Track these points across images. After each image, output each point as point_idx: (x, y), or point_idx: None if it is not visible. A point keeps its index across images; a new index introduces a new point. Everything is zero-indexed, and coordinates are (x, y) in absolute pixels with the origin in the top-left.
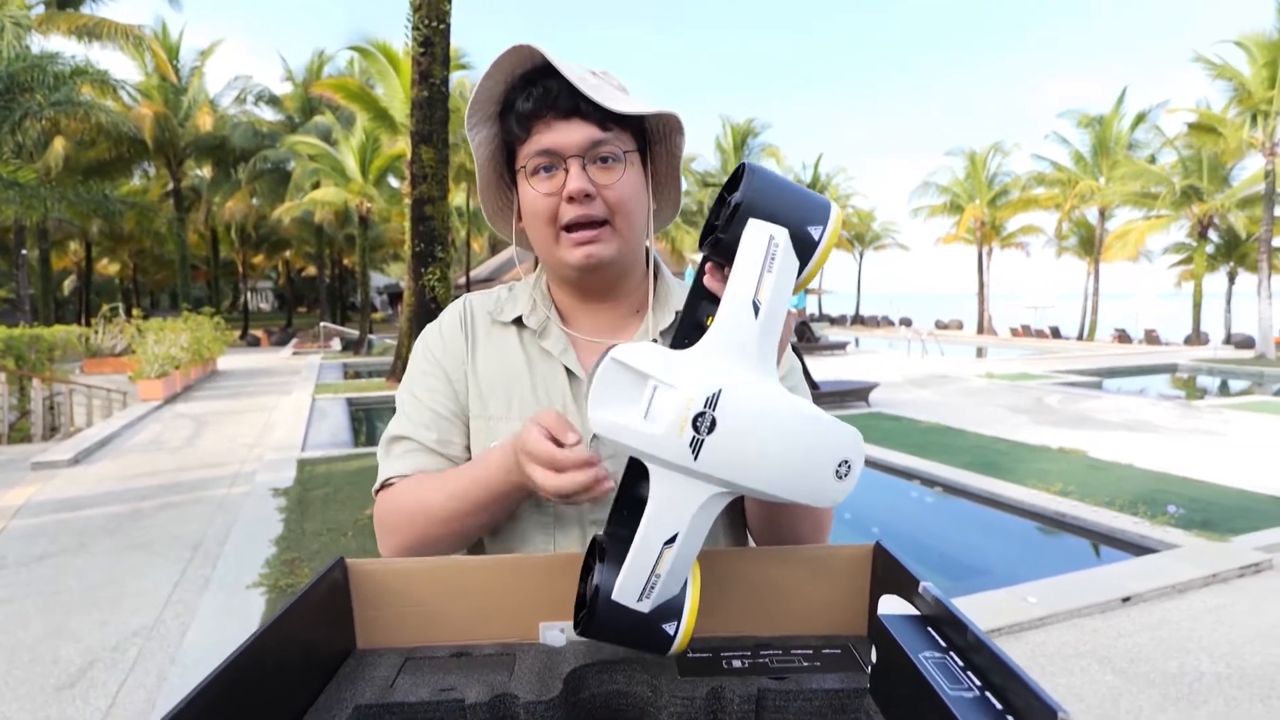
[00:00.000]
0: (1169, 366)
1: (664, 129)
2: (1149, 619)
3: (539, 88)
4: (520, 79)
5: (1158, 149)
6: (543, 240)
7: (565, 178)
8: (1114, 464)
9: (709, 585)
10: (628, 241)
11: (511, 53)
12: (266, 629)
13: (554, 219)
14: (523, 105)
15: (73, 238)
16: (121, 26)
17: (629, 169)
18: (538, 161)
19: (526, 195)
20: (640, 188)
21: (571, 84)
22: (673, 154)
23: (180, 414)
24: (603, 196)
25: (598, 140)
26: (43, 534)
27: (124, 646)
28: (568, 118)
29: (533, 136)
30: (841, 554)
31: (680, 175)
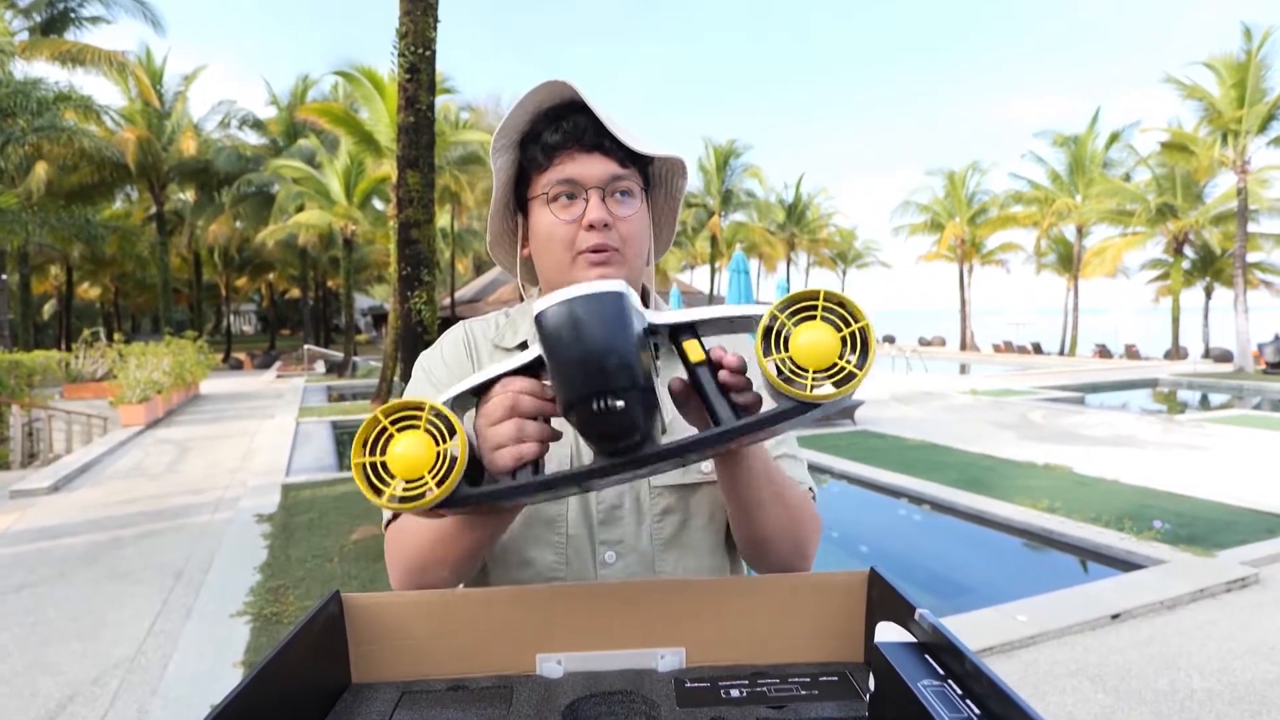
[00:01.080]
0: (1150, 381)
1: (668, 172)
2: (1138, 636)
3: (569, 122)
4: (545, 113)
5: (1132, 167)
6: (556, 263)
7: (585, 207)
8: (1099, 479)
9: (703, 615)
10: (634, 270)
11: (544, 86)
12: (264, 666)
13: (571, 244)
14: (550, 137)
15: (54, 262)
16: (105, 53)
17: (640, 205)
18: (559, 189)
19: (544, 220)
20: (647, 223)
21: (598, 121)
22: (672, 196)
23: (162, 439)
24: (618, 228)
25: (618, 175)
26: (21, 564)
27: (104, 679)
28: (591, 152)
29: (555, 166)
30: (837, 581)
31: (677, 215)
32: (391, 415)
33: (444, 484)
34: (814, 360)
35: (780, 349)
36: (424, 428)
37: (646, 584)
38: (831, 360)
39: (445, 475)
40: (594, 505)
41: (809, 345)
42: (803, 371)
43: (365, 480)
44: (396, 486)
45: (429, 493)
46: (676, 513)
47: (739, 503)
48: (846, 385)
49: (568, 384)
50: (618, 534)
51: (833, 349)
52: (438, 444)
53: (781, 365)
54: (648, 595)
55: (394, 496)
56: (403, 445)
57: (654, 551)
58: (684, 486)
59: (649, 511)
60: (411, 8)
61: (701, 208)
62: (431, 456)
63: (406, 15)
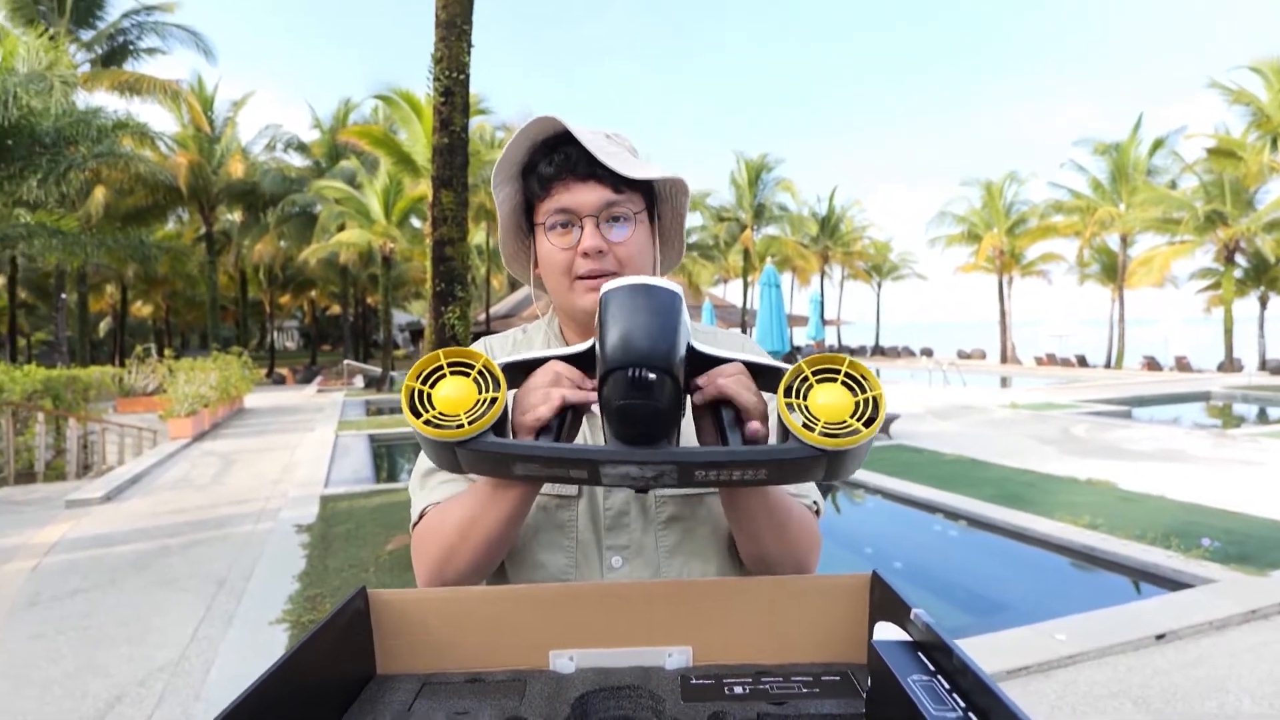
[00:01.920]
0: (1202, 394)
1: (671, 190)
2: (1185, 657)
3: (560, 153)
4: (542, 144)
5: (1178, 174)
6: (558, 287)
7: (580, 234)
8: (1145, 495)
9: (710, 615)
10: None
11: (536, 122)
12: (291, 654)
13: (569, 270)
14: (544, 169)
15: (109, 281)
16: (160, 82)
17: (637, 227)
18: (556, 218)
19: (544, 247)
20: (646, 243)
21: (589, 151)
22: (677, 212)
23: (208, 451)
24: (613, 252)
25: (610, 201)
26: (75, 570)
27: (150, 681)
28: (584, 180)
29: (552, 196)
30: (840, 583)
31: (684, 231)
32: (450, 358)
33: (475, 423)
34: (828, 414)
35: (800, 397)
36: (473, 377)
37: (656, 585)
38: (843, 419)
39: (478, 418)
40: (602, 511)
41: (826, 403)
42: (815, 420)
43: (409, 402)
44: (433, 414)
45: (460, 426)
46: (682, 520)
47: (741, 530)
48: (850, 439)
49: (613, 350)
50: (624, 539)
51: (845, 410)
52: (480, 393)
53: (799, 409)
54: (657, 596)
55: (429, 420)
56: (450, 387)
57: (660, 557)
58: (689, 496)
59: (655, 518)
60: (446, 34)
61: (734, 221)
62: (471, 402)
63: (441, 41)
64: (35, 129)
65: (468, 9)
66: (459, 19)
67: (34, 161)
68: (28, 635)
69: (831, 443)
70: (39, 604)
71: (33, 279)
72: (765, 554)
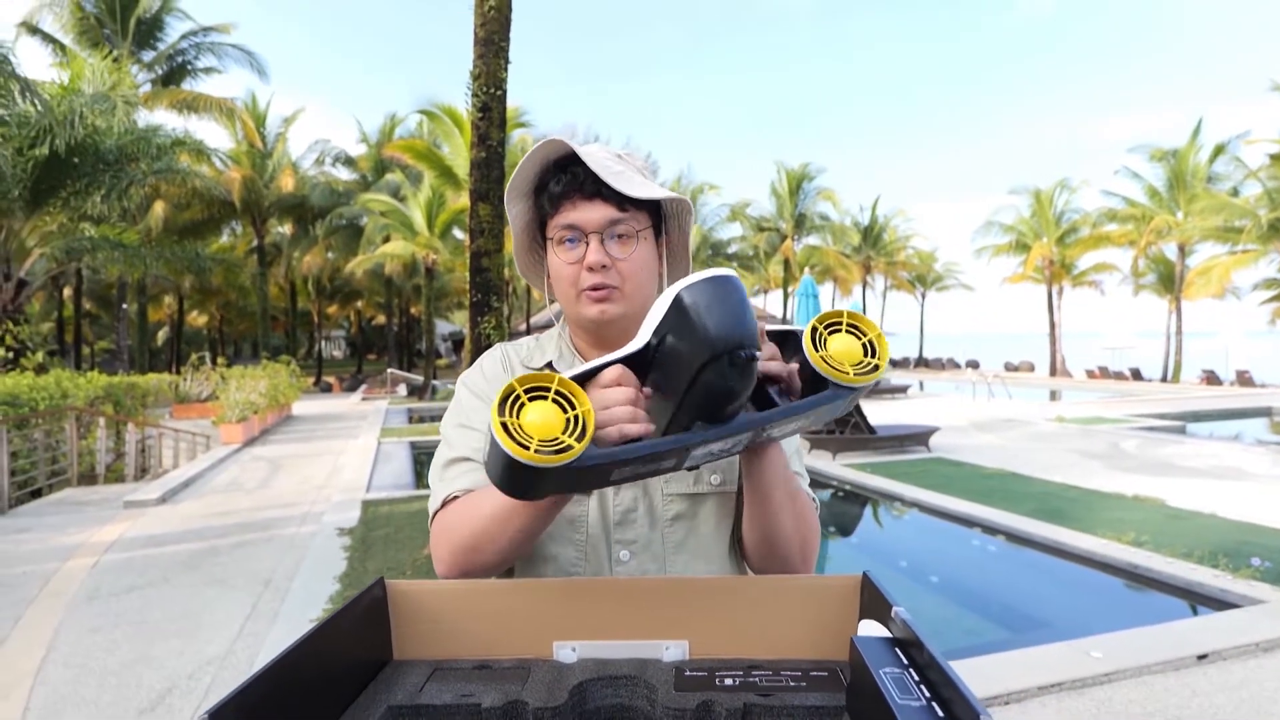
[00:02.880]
0: (1263, 410)
1: (676, 209)
2: (1228, 679)
3: (569, 173)
4: (553, 164)
5: (1240, 181)
6: (566, 298)
7: (586, 250)
8: (1195, 513)
9: (708, 612)
10: (635, 304)
11: (546, 144)
12: (310, 635)
13: (576, 282)
14: (554, 187)
15: (167, 292)
16: (216, 100)
17: (641, 244)
18: (564, 234)
19: (554, 261)
20: (650, 259)
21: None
22: (683, 230)
23: (257, 456)
24: (617, 268)
25: (615, 219)
26: (131, 568)
27: (199, 674)
28: (590, 199)
29: (560, 213)
30: (832, 584)
31: (689, 247)
32: (525, 385)
33: (583, 439)
34: (845, 358)
35: (823, 348)
36: (551, 398)
37: (656, 581)
38: (858, 359)
39: (582, 434)
40: (611, 508)
41: (841, 349)
42: (841, 365)
43: (507, 435)
44: (536, 443)
45: (570, 448)
46: (686, 519)
47: (758, 498)
48: (869, 375)
49: (709, 344)
50: (632, 534)
51: (857, 353)
52: (565, 411)
53: (824, 360)
54: (657, 591)
55: (539, 449)
56: (535, 413)
57: (665, 553)
58: (694, 495)
59: (661, 516)
60: (484, 51)
61: (774, 231)
62: (562, 422)
63: (480, 58)
64: (99, 147)
65: (505, 27)
66: (496, 36)
67: (98, 178)
68: (88, 628)
69: (860, 379)
70: (98, 598)
71: (96, 290)
72: (778, 526)
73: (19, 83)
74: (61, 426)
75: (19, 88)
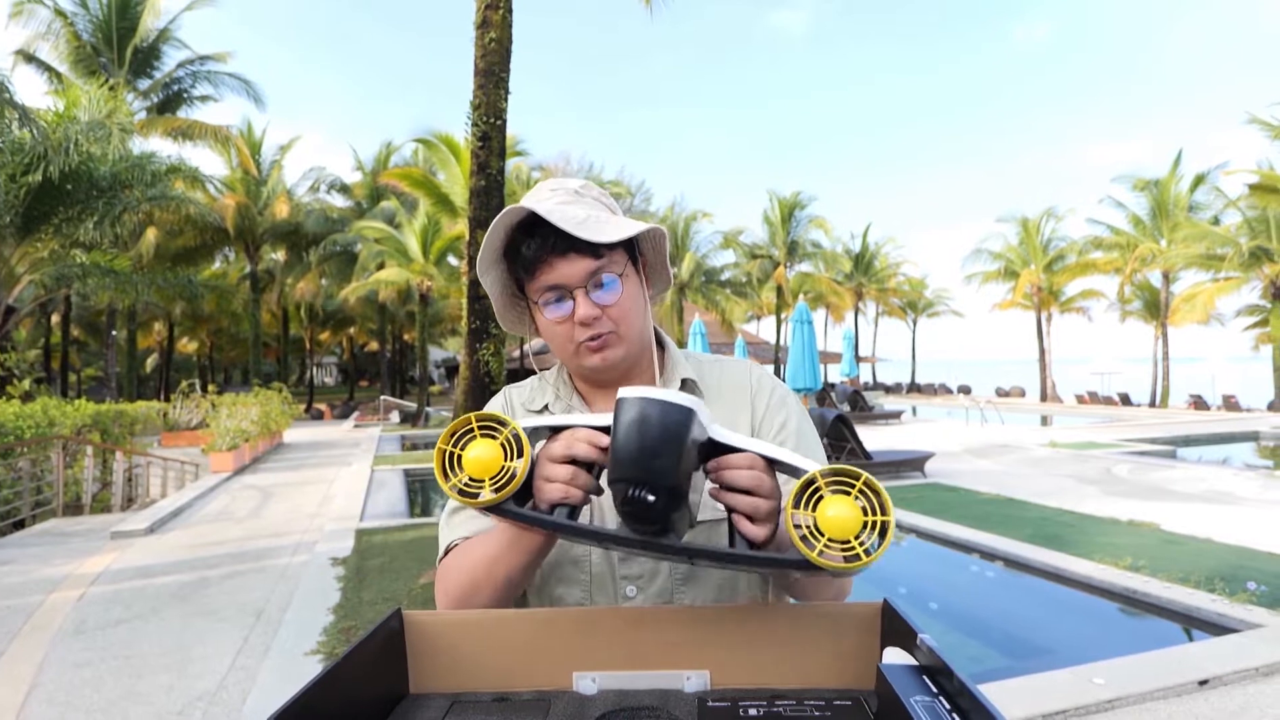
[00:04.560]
0: (1250, 434)
1: (649, 233)
2: (1229, 704)
3: (537, 238)
4: (518, 226)
5: (1221, 210)
6: (563, 354)
7: (574, 306)
8: (1190, 538)
9: (727, 640)
10: (632, 341)
11: (507, 213)
12: (329, 671)
13: (570, 338)
14: (526, 252)
15: (157, 318)
16: (211, 127)
17: (626, 281)
18: (548, 296)
19: (542, 322)
20: (637, 293)
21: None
22: (658, 250)
23: (248, 485)
24: (608, 314)
25: (595, 269)
26: (119, 600)
27: (188, 711)
28: (565, 255)
29: (539, 276)
30: (853, 611)
31: (668, 262)
32: (481, 421)
33: (498, 493)
34: (834, 530)
35: (809, 508)
36: (501, 441)
37: (675, 610)
38: (848, 537)
39: (501, 487)
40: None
41: (835, 517)
42: (819, 535)
43: (441, 465)
44: (460, 479)
45: (483, 495)
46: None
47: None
48: (853, 565)
49: (617, 464)
50: (637, 569)
51: (854, 528)
52: (506, 459)
53: (805, 524)
54: (677, 621)
55: (455, 486)
56: (480, 449)
57: (672, 586)
58: (701, 523)
59: None
60: (484, 81)
61: (767, 259)
62: (497, 467)
63: (480, 88)
64: (93, 174)
65: (505, 59)
66: (497, 68)
67: (91, 204)
68: (74, 663)
69: (831, 565)
70: (84, 632)
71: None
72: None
73: (16, 110)
74: (47, 455)
75: (16, 115)
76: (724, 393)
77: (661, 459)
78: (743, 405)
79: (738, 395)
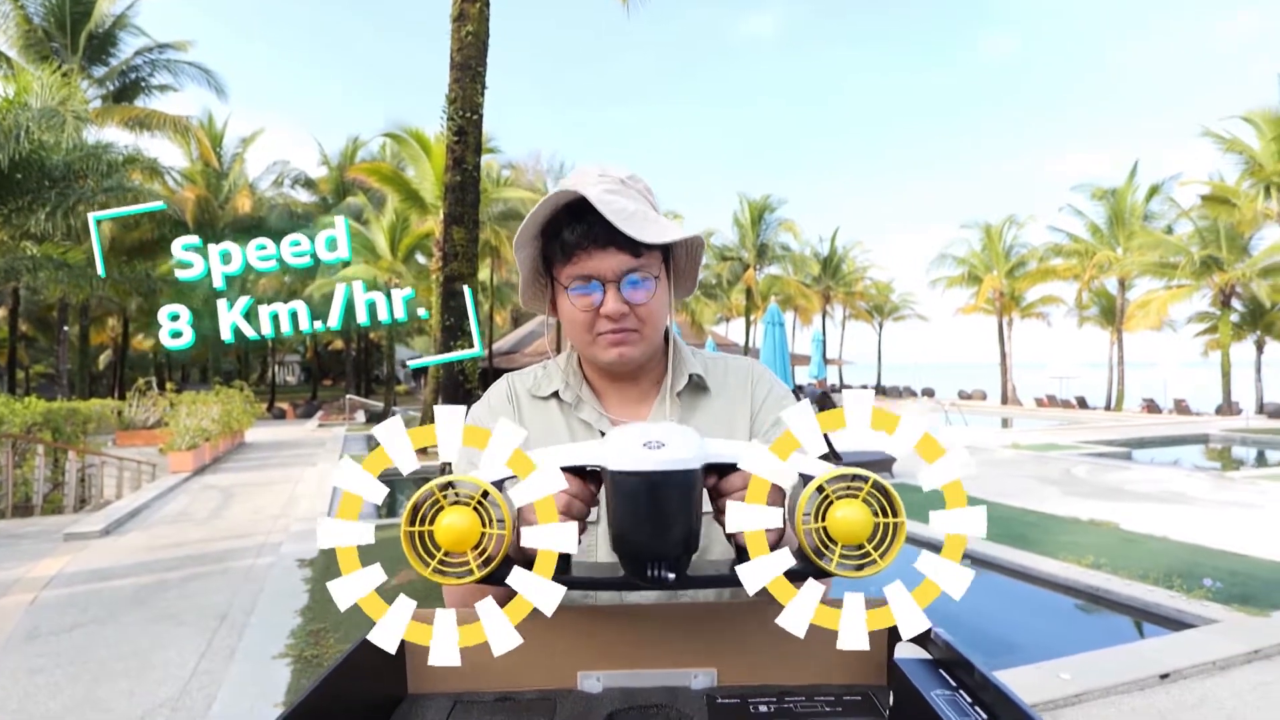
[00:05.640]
0: (1201, 437)
1: (688, 242)
2: (1189, 697)
3: (583, 223)
4: (565, 208)
5: (1174, 220)
6: (580, 341)
7: (602, 297)
8: (1148, 536)
9: (733, 637)
10: (652, 343)
11: (558, 193)
12: (331, 672)
13: (591, 328)
14: (568, 236)
15: (111, 314)
16: (170, 117)
17: (657, 284)
18: (578, 283)
19: (565, 306)
20: (664, 298)
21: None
22: (693, 258)
23: (208, 485)
24: (635, 312)
25: (632, 267)
26: (74, 604)
27: (150, 717)
28: (605, 248)
29: (574, 262)
30: None
31: (699, 269)
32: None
33: (486, 567)
34: (844, 537)
35: (817, 519)
36: (474, 506)
37: (680, 607)
38: (859, 542)
39: (488, 559)
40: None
41: (844, 521)
42: (831, 545)
43: (412, 549)
44: (439, 558)
45: (469, 573)
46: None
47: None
48: (864, 570)
49: (627, 539)
50: None
51: (864, 532)
52: (484, 525)
53: (814, 533)
54: (682, 618)
55: (435, 569)
56: (453, 516)
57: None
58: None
59: None
60: (460, 75)
61: (737, 261)
62: (476, 535)
63: (455, 82)
64: (45, 163)
65: (482, 53)
66: (473, 61)
67: (43, 195)
68: (27, 669)
69: (842, 575)
70: (38, 637)
71: (34, 311)
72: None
73: None
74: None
75: None
76: (728, 386)
77: (676, 529)
78: (744, 398)
79: (739, 388)
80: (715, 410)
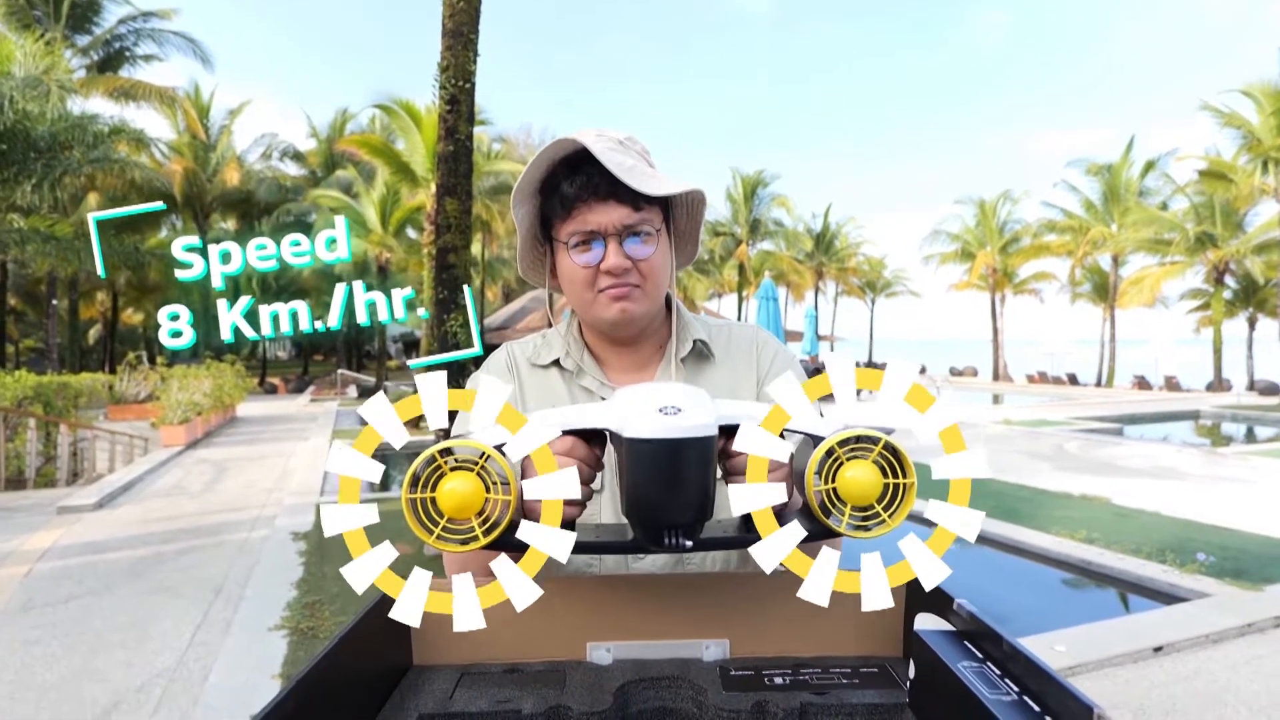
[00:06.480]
0: (1191, 413)
1: (687, 197)
2: (1183, 669)
3: (582, 174)
4: (562, 162)
5: (1169, 196)
6: (581, 300)
7: (603, 252)
8: (1139, 511)
9: (745, 608)
10: (654, 300)
11: (557, 143)
12: (337, 643)
13: (592, 284)
14: (566, 189)
15: (100, 288)
16: (156, 88)
17: (658, 241)
18: (579, 238)
19: (566, 264)
20: (666, 254)
21: (610, 171)
22: (693, 218)
23: (201, 459)
24: (637, 268)
25: (632, 221)
26: (68, 576)
27: (148, 687)
28: (605, 201)
29: (573, 217)
30: None
31: (700, 232)
32: (446, 455)
33: (491, 534)
34: (854, 498)
35: (828, 480)
36: (477, 471)
37: (691, 577)
38: (869, 503)
39: (493, 527)
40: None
41: (853, 482)
42: (841, 505)
43: (414, 516)
44: (443, 525)
45: (474, 539)
46: None
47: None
48: (874, 531)
49: (644, 505)
50: None
51: (873, 493)
52: (488, 490)
53: (824, 494)
54: (692, 588)
55: (439, 536)
56: (455, 482)
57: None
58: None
59: None
60: (453, 42)
61: (729, 236)
62: (480, 501)
63: (448, 50)
64: (30, 133)
65: (474, 19)
66: (465, 28)
67: (28, 166)
68: (23, 640)
69: (851, 535)
70: (33, 609)
71: (22, 285)
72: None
73: None
74: None
75: None
76: (732, 353)
77: (694, 495)
78: (749, 365)
79: (744, 356)
80: (719, 378)
